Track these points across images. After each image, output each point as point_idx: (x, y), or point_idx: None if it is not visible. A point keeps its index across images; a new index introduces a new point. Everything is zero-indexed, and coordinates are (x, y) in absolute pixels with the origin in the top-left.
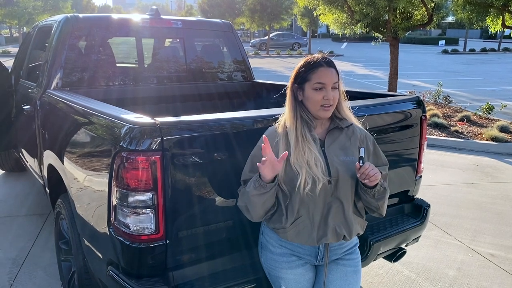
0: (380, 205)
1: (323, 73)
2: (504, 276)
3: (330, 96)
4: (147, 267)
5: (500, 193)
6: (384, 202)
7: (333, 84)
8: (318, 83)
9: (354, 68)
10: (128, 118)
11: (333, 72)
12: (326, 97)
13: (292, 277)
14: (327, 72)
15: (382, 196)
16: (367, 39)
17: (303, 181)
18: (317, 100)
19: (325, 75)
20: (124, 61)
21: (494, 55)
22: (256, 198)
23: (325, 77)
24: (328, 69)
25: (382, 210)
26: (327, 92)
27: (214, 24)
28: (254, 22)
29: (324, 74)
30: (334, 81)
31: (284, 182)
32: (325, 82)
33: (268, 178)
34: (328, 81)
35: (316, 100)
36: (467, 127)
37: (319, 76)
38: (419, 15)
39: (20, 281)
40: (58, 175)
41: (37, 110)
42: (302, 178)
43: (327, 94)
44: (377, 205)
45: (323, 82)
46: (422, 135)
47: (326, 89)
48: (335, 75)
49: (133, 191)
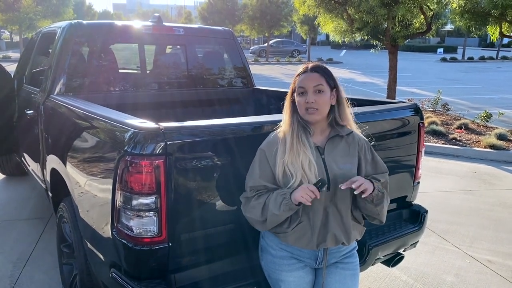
0: (379, 210)
1: (304, 78)
2: (501, 282)
3: (311, 99)
4: (149, 270)
5: (497, 200)
6: (383, 207)
7: (315, 87)
8: (300, 87)
9: (353, 75)
10: (133, 123)
11: (315, 76)
12: (307, 100)
13: (292, 280)
14: (307, 77)
15: (380, 201)
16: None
17: (297, 183)
18: (301, 105)
19: (305, 79)
20: (127, 67)
21: (492, 63)
22: (281, 217)
23: (305, 81)
24: (310, 74)
25: (381, 216)
26: (308, 96)
27: (216, 32)
28: (254, 29)
29: (305, 78)
30: (314, 84)
31: (284, 185)
32: (305, 86)
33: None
34: (308, 85)
35: (300, 105)
36: (465, 134)
37: (300, 81)
38: (418, 23)
39: (21, 284)
40: (61, 179)
41: (41, 115)
42: (296, 180)
43: (308, 98)
44: (377, 211)
45: (303, 86)
46: (420, 142)
47: (307, 93)
48: (317, 78)
49: (137, 195)
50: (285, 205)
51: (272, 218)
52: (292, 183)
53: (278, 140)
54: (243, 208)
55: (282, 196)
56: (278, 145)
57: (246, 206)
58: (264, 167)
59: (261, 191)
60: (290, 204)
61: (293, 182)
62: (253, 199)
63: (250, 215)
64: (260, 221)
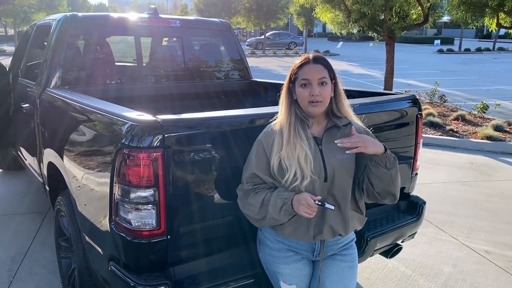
0: (394, 175)
1: (308, 70)
2: (498, 272)
3: (316, 92)
4: (148, 262)
5: (494, 191)
6: (397, 173)
7: (319, 79)
8: (303, 79)
9: (350, 67)
10: (130, 116)
11: (319, 68)
12: (311, 93)
13: (289, 272)
14: (312, 68)
15: (393, 165)
16: (363, 38)
17: (291, 177)
18: (304, 97)
19: (309, 71)
20: (123, 60)
21: (489, 55)
22: (281, 221)
23: (310, 73)
24: (313, 66)
25: (395, 187)
26: (313, 88)
27: (212, 24)
28: (250, 21)
29: (309, 70)
30: (319, 76)
31: (280, 176)
32: (309, 78)
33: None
34: (313, 77)
35: (303, 97)
36: (462, 126)
37: (304, 72)
38: (415, 15)
39: (20, 278)
40: (58, 172)
41: (37, 108)
42: (290, 174)
43: (312, 90)
44: (391, 177)
45: (307, 78)
46: (418, 133)
47: (311, 85)
48: (321, 70)
49: (135, 188)
50: (285, 211)
51: (271, 221)
52: (287, 176)
53: (275, 132)
54: (240, 202)
55: (282, 200)
56: (275, 136)
57: (244, 201)
58: (261, 158)
59: (258, 184)
60: (290, 210)
61: (288, 176)
62: (250, 195)
63: (248, 212)
64: (257, 219)
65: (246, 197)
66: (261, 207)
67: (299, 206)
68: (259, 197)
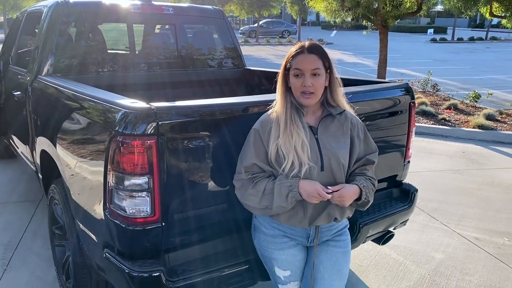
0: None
1: (301, 59)
2: (488, 258)
3: (308, 83)
4: (142, 249)
5: (485, 179)
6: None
7: (312, 70)
8: (296, 69)
9: (343, 56)
10: (124, 103)
11: (313, 58)
12: (304, 84)
13: (284, 258)
14: (305, 58)
15: (365, 206)
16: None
17: (289, 165)
18: (297, 87)
19: (303, 61)
20: (115, 47)
21: (481, 44)
22: (288, 208)
23: (303, 63)
24: (307, 55)
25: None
26: (305, 79)
27: (205, 11)
28: (244, 9)
29: (302, 60)
30: (312, 67)
31: (278, 164)
32: (302, 69)
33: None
34: (305, 68)
35: (296, 87)
36: (455, 115)
37: (297, 62)
38: (408, 3)
39: (14, 266)
40: (51, 161)
41: (29, 96)
42: (288, 162)
43: (305, 81)
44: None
45: (300, 68)
46: (411, 121)
47: (304, 76)
48: (315, 61)
49: (129, 175)
50: (292, 197)
51: (278, 209)
52: (284, 164)
53: (271, 120)
54: (238, 193)
55: (287, 188)
56: (272, 125)
57: (243, 192)
58: (259, 147)
59: (257, 174)
60: (297, 197)
61: (285, 164)
62: (249, 186)
63: (248, 203)
64: (259, 208)
65: (245, 188)
66: (262, 196)
67: (310, 196)
68: (259, 186)
